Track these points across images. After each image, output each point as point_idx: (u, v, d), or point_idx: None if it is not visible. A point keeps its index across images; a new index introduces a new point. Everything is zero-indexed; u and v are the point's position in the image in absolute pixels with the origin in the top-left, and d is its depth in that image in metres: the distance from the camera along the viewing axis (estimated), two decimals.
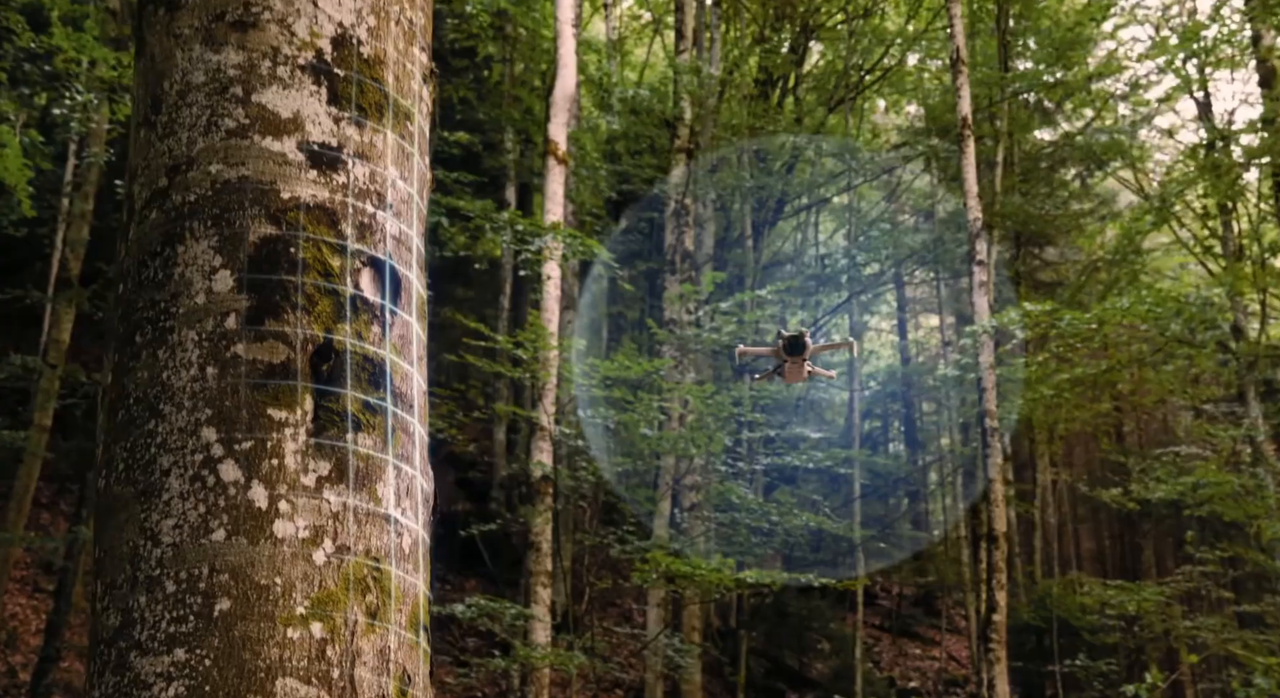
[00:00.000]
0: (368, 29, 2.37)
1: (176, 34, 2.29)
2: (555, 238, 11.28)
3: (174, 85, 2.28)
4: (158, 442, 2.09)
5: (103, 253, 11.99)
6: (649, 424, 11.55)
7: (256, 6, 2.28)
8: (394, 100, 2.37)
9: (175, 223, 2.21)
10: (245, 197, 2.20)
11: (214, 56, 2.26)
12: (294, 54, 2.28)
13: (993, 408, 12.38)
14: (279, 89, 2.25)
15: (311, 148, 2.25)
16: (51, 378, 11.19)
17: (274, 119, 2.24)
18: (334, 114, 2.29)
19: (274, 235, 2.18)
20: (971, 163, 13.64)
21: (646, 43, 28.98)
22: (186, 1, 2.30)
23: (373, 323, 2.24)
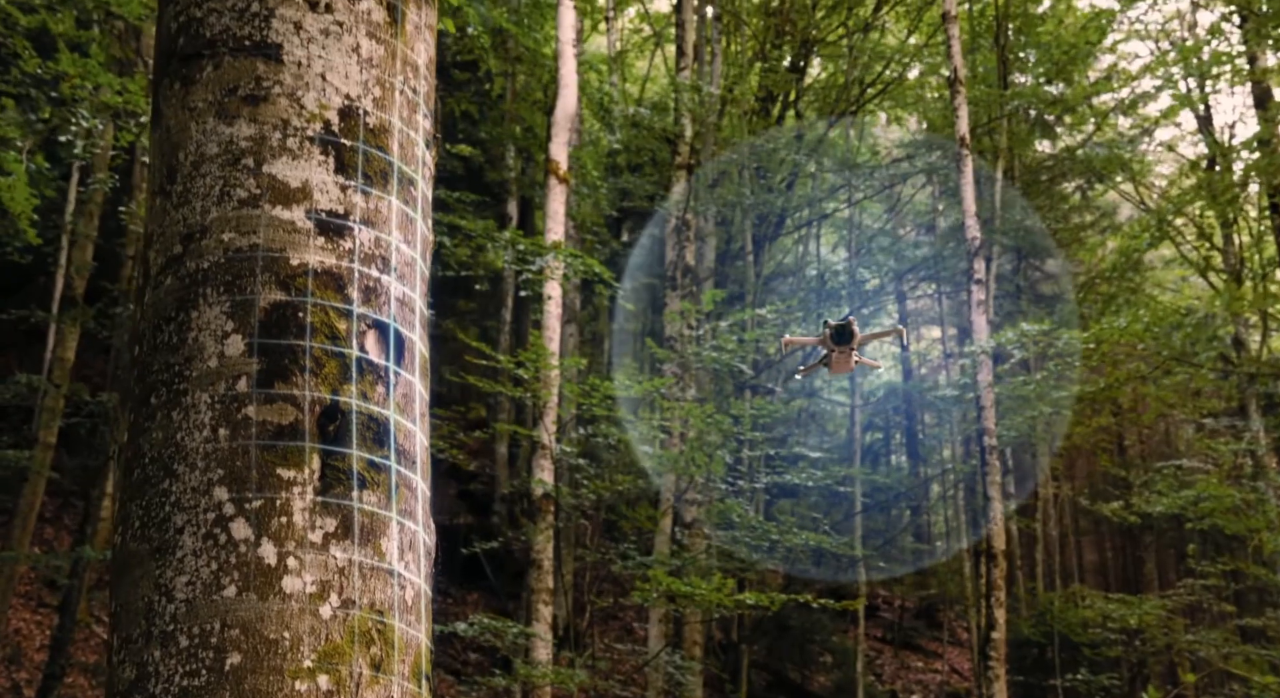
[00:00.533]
0: (373, 100, 2.47)
1: (191, 107, 2.40)
2: (556, 258, 11.39)
3: (188, 156, 2.38)
4: (172, 501, 2.19)
5: (107, 273, 12.11)
6: (649, 442, 11.64)
7: (267, 81, 2.38)
8: (398, 168, 2.48)
9: (189, 289, 2.31)
10: (256, 264, 2.30)
11: (227, 129, 2.36)
12: (303, 126, 2.38)
13: (991, 426, 12.46)
14: (289, 160, 2.36)
15: (319, 215, 2.35)
16: (56, 397, 11.29)
17: (284, 188, 2.34)
18: (341, 183, 2.39)
19: (283, 301, 2.28)
20: (969, 182, 13.75)
21: (648, 55, 29.12)
22: (201, 77, 2.40)
23: (377, 383, 2.34)
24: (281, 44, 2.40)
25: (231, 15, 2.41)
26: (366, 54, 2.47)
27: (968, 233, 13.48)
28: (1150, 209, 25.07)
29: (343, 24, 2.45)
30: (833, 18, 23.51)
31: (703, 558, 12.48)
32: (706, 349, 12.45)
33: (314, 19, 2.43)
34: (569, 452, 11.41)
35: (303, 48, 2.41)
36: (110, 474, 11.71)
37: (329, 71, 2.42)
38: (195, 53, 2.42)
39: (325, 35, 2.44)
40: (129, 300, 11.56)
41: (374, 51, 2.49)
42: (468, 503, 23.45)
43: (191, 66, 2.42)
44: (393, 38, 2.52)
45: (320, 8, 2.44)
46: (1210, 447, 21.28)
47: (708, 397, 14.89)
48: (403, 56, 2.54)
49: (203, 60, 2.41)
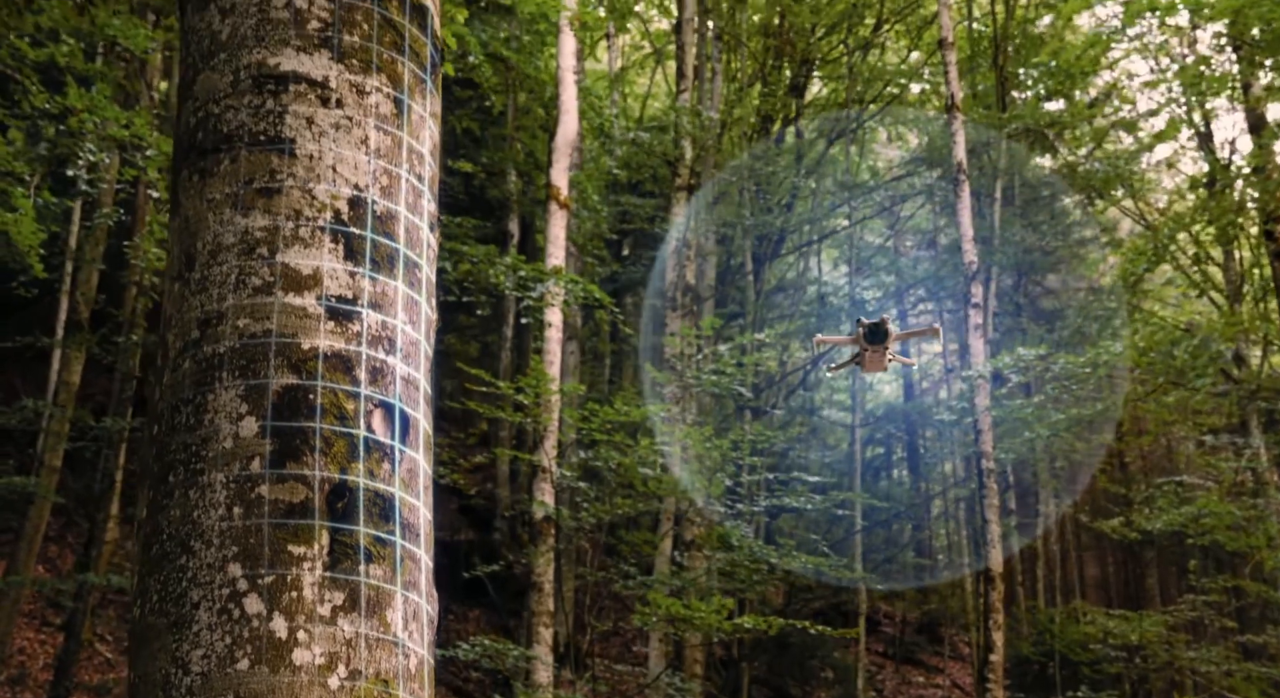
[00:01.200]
0: (380, 188, 2.60)
1: (209, 199, 2.53)
2: (557, 283, 11.52)
3: (206, 245, 2.51)
4: (188, 576, 2.31)
5: (111, 298, 12.25)
6: (649, 465, 11.77)
7: (281, 174, 2.52)
8: (404, 254, 2.61)
9: (206, 372, 2.44)
10: (270, 349, 2.43)
11: (243, 220, 2.50)
12: (314, 216, 2.51)
13: (989, 450, 12.57)
14: (301, 248, 2.49)
15: (330, 301, 2.48)
16: (62, 420, 11.42)
17: (296, 276, 2.47)
18: (350, 269, 2.52)
19: (295, 384, 2.41)
20: (967, 206, 13.87)
21: (649, 72, 29.28)
22: (219, 170, 2.53)
23: (383, 461, 2.46)
24: (295, 139, 2.54)
25: (248, 111, 2.54)
26: (375, 145, 2.61)
27: (965, 257, 13.60)
28: (1150, 225, 25.19)
29: (352, 118, 2.59)
30: (832, 36, 23.67)
31: (703, 579, 12.59)
32: (706, 373, 12.58)
33: (325, 114, 2.56)
34: (569, 476, 11.54)
35: (314, 141, 2.54)
36: (114, 498, 11.82)
37: (339, 163, 2.55)
38: (213, 147, 2.55)
39: (336, 129, 2.57)
40: (131, 328, 11.70)
41: (381, 142, 2.62)
42: (469, 518, 23.54)
43: (209, 160, 2.55)
44: (399, 129, 2.65)
45: (331, 103, 2.57)
46: (1211, 463, 21.34)
47: (709, 418, 15.00)
48: (408, 146, 2.67)
49: (220, 154, 2.54)
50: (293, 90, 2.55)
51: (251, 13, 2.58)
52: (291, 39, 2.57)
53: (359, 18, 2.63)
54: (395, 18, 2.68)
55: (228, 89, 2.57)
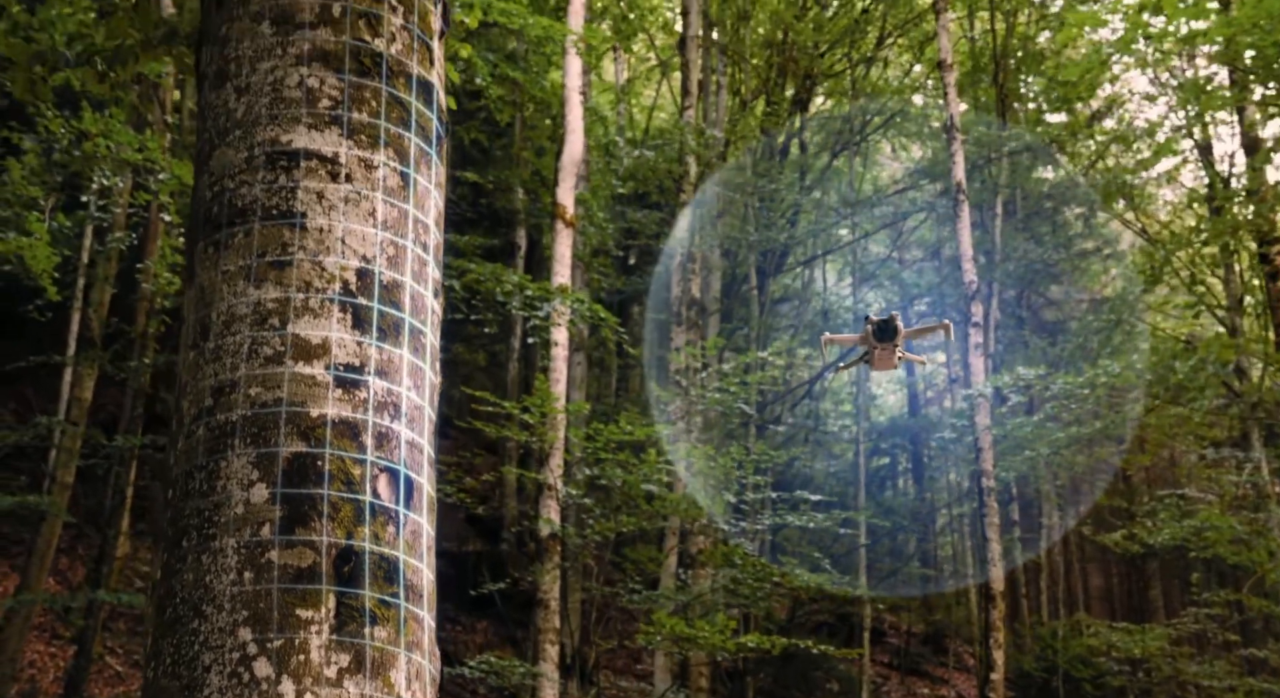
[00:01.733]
0: (387, 258, 2.70)
1: (224, 271, 2.63)
2: (563, 302, 11.63)
3: (220, 315, 2.61)
4: (200, 640, 2.41)
5: (123, 316, 12.38)
6: (653, 482, 11.86)
7: (293, 246, 2.62)
8: (409, 322, 2.71)
9: (219, 440, 2.54)
10: (280, 417, 2.53)
11: (255, 291, 2.60)
12: (324, 287, 2.62)
13: (989, 468, 12.65)
14: (310, 319, 2.59)
15: (338, 370, 2.58)
16: (74, 436, 11.55)
17: (306, 345, 2.58)
18: (357, 338, 2.62)
19: (304, 452, 2.51)
20: (966, 226, 13.97)
21: (655, 83, 29.38)
22: (233, 243, 2.64)
23: (388, 524, 2.56)
24: (306, 213, 2.64)
25: (262, 187, 2.65)
26: (382, 217, 2.71)
27: (965, 277, 13.69)
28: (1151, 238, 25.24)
29: (361, 192, 2.69)
30: (835, 51, 23.77)
31: (708, 596, 12.69)
32: (711, 390, 12.70)
33: (335, 188, 2.67)
34: (575, 495, 11.65)
35: (325, 215, 2.65)
36: (125, 514, 11.95)
37: (348, 236, 2.66)
38: (228, 221, 2.66)
39: (345, 202, 2.67)
40: (143, 349, 11.82)
41: (388, 214, 2.72)
42: (476, 529, 23.61)
43: (224, 233, 2.66)
44: (405, 201, 2.76)
45: (341, 178, 2.68)
46: (1212, 477, 21.36)
47: (714, 431, 15.09)
48: (414, 217, 2.78)
49: (235, 228, 2.65)
50: (304, 166, 2.66)
51: (266, 91, 2.69)
52: (303, 117, 2.68)
53: (368, 95, 2.74)
54: (402, 95, 2.78)
55: (242, 165, 2.67)
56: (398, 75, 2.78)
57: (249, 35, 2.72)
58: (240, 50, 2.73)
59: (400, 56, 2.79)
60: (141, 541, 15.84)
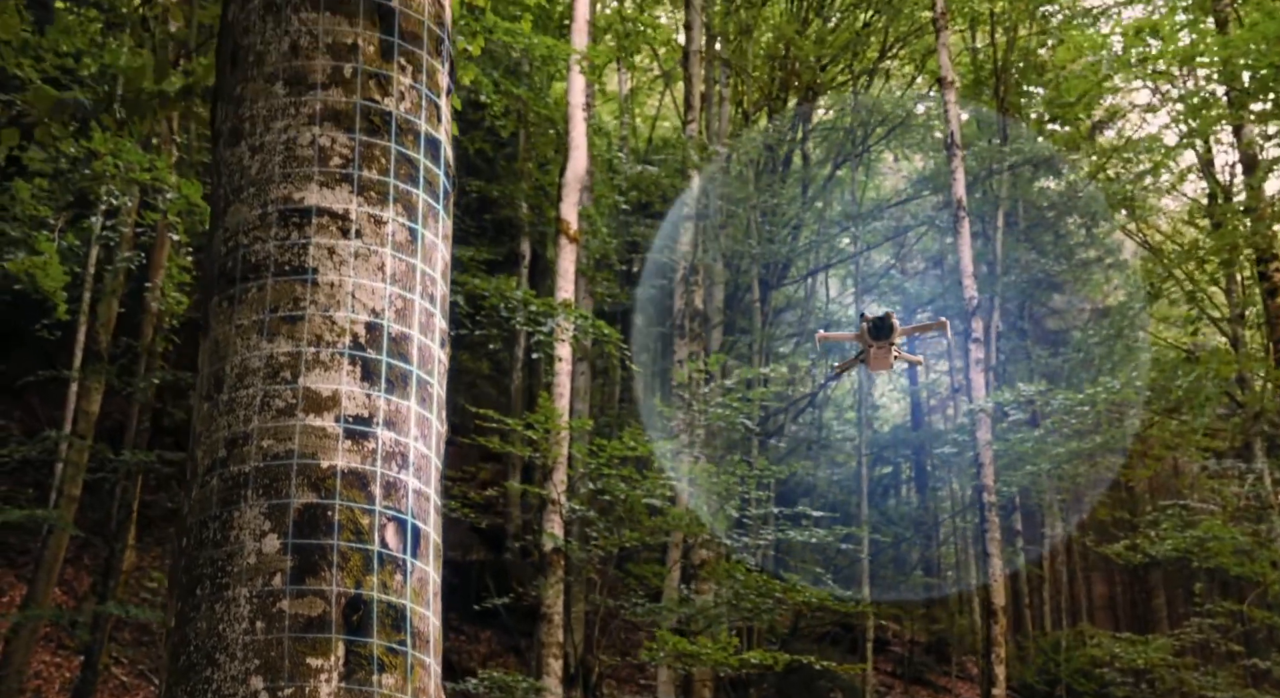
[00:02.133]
0: (395, 311, 2.78)
1: (238, 325, 2.71)
2: (567, 318, 11.72)
3: (234, 368, 2.69)
4: (213, 688, 2.49)
5: (130, 331, 12.48)
6: (655, 497, 11.93)
7: (304, 301, 2.70)
8: (416, 374, 2.79)
9: (232, 491, 2.62)
10: (291, 468, 2.61)
11: (268, 345, 2.68)
12: (334, 340, 2.70)
13: (990, 484, 12.71)
14: (321, 372, 2.67)
15: (347, 421, 2.66)
16: (81, 450, 11.64)
17: (316, 398, 2.66)
18: (366, 389, 2.70)
19: (314, 503, 2.59)
20: (967, 242, 14.05)
21: (658, 93, 29.47)
22: (247, 298, 2.72)
23: (396, 572, 2.64)
24: (317, 268, 2.72)
25: (275, 242, 2.73)
26: (390, 271, 2.79)
27: (965, 293, 13.76)
28: (1153, 248, 25.28)
29: (370, 247, 2.77)
30: (837, 64, 23.85)
31: (711, 610, 12.76)
32: (714, 407, 12.79)
33: (346, 244, 2.75)
34: (579, 509, 11.72)
35: (335, 271, 2.73)
36: (131, 527, 12.04)
37: (358, 290, 2.74)
38: (242, 276, 2.74)
39: (355, 257, 2.75)
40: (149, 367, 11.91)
41: (397, 268, 2.80)
42: (480, 537, 23.66)
43: (238, 288, 2.74)
44: (412, 255, 2.84)
45: (351, 234, 2.76)
46: (1215, 488, 21.37)
47: (717, 443, 15.15)
48: (421, 271, 2.86)
49: (248, 283, 2.73)
50: (316, 223, 2.74)
51: (279, 150, 2.77)
52: (315, 174, 2.76)
53: (377, 153, 2.82)
54: (411, 152, 2.86)
55: (256, 222, 2.75)
56: (406, 133, 2.86)
57: (263, 96, 2.80)
58: (255, 110, 2.81)
59: (409, 115, 2.87)
60: (147, 551, 15.92)
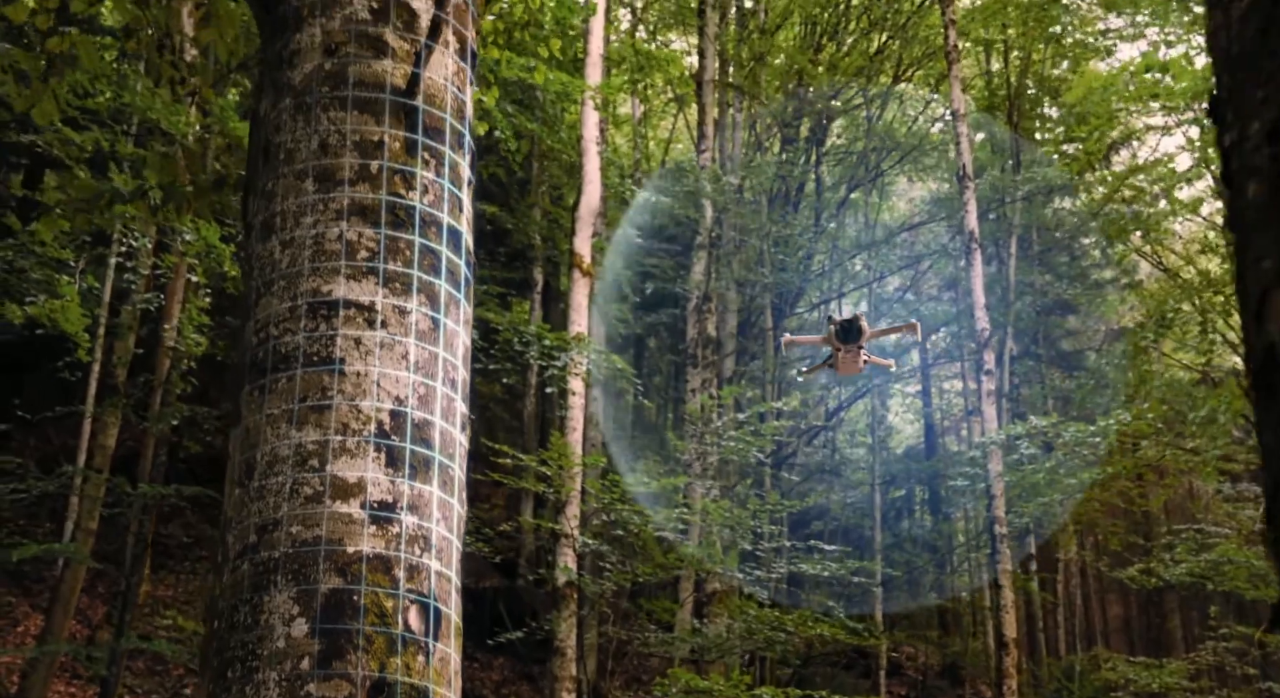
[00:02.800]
0: (418, 398, 2.89)
1: (268, 414, 2.82)
2: (580, 352, 11.82)
3: (264, 456, 2.80)
4: None
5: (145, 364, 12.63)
6: (668, 530, 12.00)
7: (331, 391, 2.81)
8: (438, 460, 2.89)
9: (262, 576, 2.72)
10: (319, 554, 2.71)
11: (297, 434, 2.79)
12: (360, 428, 2.80)
13: (1002, 515, 12.75)
14: (348, 459, 2.78)
15: (372, 507, 2.77)
16: (98, 483, 11.77)
17: (343, 484, 2.76)
18: (390, 475, 2.81)
19: (340, 587, 2.70)
20: (979, 274, 14.12)
21: (671, 117, 29.64)
22: (277, 387, 2.83)
23: (418, 654, 2.74)
24: (344, 358, 2.83)
25: (305, 334, 2.84)
26: (414, 359, 2.90)
27: (977, 324, 13.82)
28: (1168, 270, 25.29)
29: (395, 336, 2.88)
30: (852, 86, 23.97)
31: (723, 640, 12.81)
32: (726, 440, 12.88)
33: (371, 335, 2.86)
34: (591, 544, 11.81)
35: (361, 361, 2.84)
36: (147, 561, 12.16)
37: (383, 379, 2.85)
38: (273, 367, 2.85)
39: (380, 347, 2.86)
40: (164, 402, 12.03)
41: (420, 356, 2.91)
42: (494, 563, 23.73)
43: (269, 378, 2.85)
44: (435, 344, 2.95)
45: (377, 324, 2.87)
46: (1230, 511, 21.33)
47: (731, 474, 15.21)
48: (443, 358, 2.96)
49: (278, 373, 2.84)
50: (343, 315, 2.85)
51: (308, 245, 2.89)
52: (343, 268, 2.87)
53: (402, 245, 2.93)
54: (433, 244, 2.97)
55: (286, 314, 2.87)
56: (429, 225, 2.97)
57: (294, 192, 2.92)
58: (285, 205, 2.93)
59: (432, 208, 2.98)
60: (160, 581, 16.03)
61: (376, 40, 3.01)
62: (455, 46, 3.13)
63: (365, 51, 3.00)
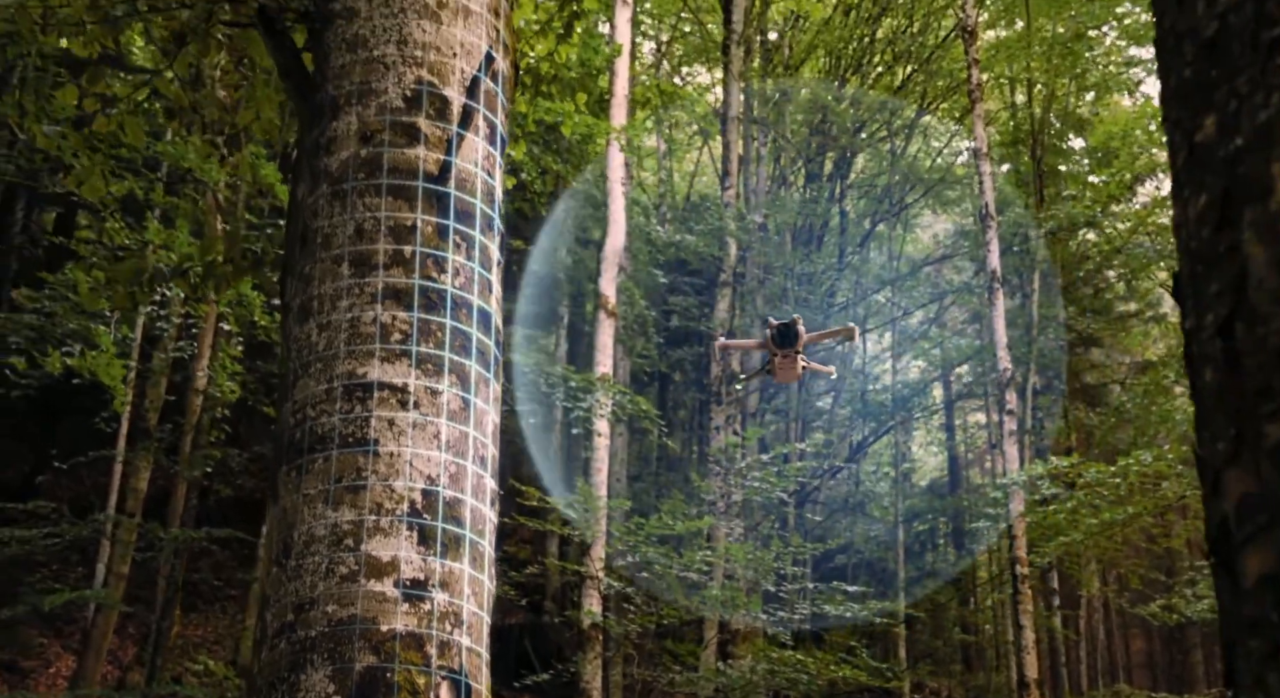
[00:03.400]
0: (450, 476, 2.97)
1: (305, 494, 2.91)
2: (606, 393, 11.90)
3: (301, 536, 2.89)
4: None
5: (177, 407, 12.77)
6: (692, 571, 12.02)
7: (366, 471, 2.89)
8: (469, 538, 2.97)
9: (299, 654, 2.80)
10: (354, 632, 2.79)
11: (332, 514, 2.87)
12: (393, 507, 2.88)
13: (1023, 555, 12.72)
14: (381, 538, 2.86)
15: (405, 586, 2.84)
16: (130, 528, 11.88)
17: (377, 563, 2.84)
18: (422, 553, 2.89)
19: (375, 665, 2.77)
20: (1001, 314, 14.14)
21: (696, 150, 29.81)
22: (313, 469, 2.92)
23: None
24: (378, 439, 2.92)
25: (340, 416, 2.93)
26: (445, 439, 2.98)
27: (999, 364, 13.84)
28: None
29: (427, 417, 2.97)
30: (876, 120, 24.08)
31: (747, 680, 12.77)
32: (750, 481, 12.91)
33: (404, 415, 2.95)
34: (616, 586, 11.83)
35: (395, 441, 2.92)
36: (178, 604, 12.26)
37: (415, 459, 2.93)
38: (309, 448, 2.94)
39: (413, 427, 2.95)
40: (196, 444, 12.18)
41: (451, 435, 2.99)
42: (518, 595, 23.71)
43: (305, 459, 2.94)
44: (465, 423, 3.03)
45: (410, 406, 2.96)
46: None
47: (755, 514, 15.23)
48: (474, 437, 3.05)
49: (315, 454, 2.93)
50: (377, 396, 2.94)
51: (344, 328, 2.98)
52: (377, 350, 2.97)
53: (434, 328, 3.02)
54: (464, 326, 3.06)
55: (322, 396, 2.96)
56: (460, 307, 3.07)
57: (330, 276, 3.02)
58: (322, 289, 3.02)
59: (463, 290, 3.08)
60: (190, 622, 16.13)
61: (410, 128, 3.11)
62: (485, 132, 3.23)
63: (399, 139, 3.10)
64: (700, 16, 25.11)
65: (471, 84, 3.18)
